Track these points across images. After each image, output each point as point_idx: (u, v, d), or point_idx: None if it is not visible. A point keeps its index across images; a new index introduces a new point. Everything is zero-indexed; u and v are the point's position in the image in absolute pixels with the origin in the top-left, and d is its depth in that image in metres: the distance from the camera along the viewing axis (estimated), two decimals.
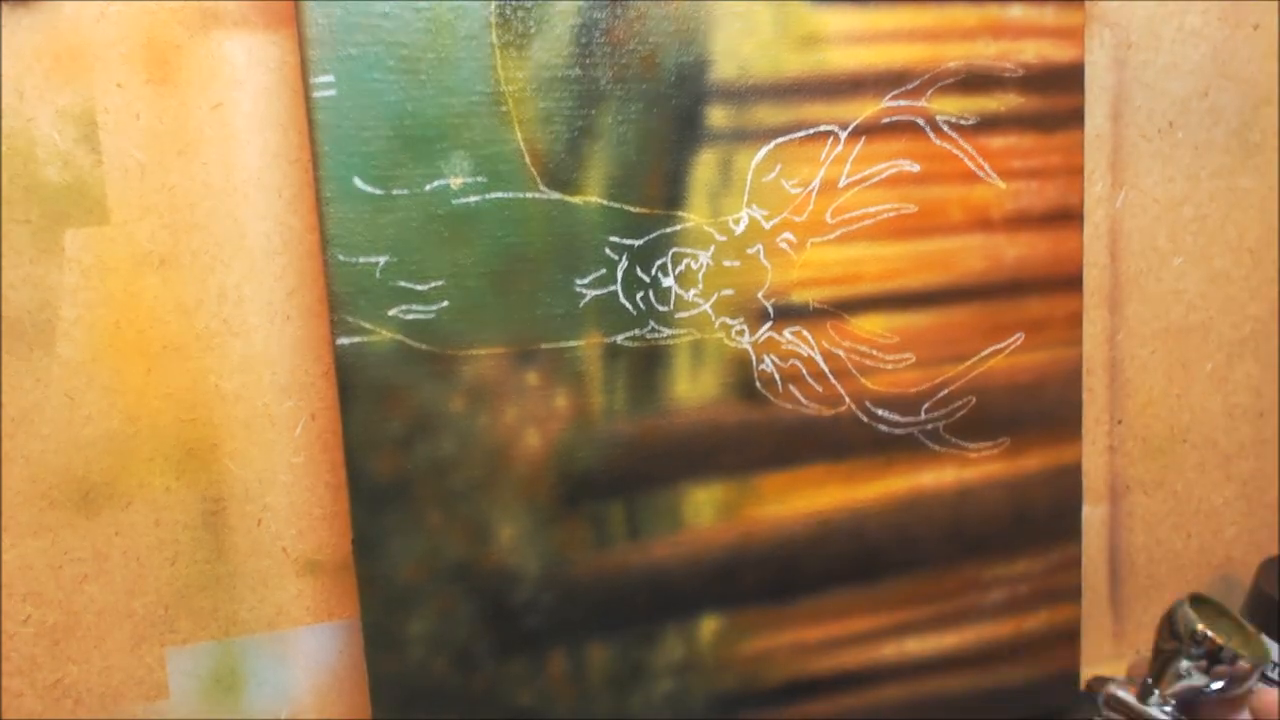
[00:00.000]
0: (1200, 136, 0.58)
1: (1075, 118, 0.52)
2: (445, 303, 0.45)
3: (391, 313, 0.44)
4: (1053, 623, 0.56)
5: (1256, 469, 0.62)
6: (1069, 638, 0.56)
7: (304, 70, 0.41)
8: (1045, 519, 0.55)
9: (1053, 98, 0.51)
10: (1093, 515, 0.61)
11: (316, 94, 0.42)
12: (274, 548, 0.50)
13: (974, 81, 0.50)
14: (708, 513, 0.49)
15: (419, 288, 0.44)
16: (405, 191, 0.43)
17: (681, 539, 0.49)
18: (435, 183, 0.44)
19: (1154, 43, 0.57)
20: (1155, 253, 0.59)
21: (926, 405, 0.52)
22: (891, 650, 0.53)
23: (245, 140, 0.47)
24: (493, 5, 0.43)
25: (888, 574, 0.52)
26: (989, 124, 0.50)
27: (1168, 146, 0.58)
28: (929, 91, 0.49)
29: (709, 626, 0.50)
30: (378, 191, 0.43)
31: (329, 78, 0.42)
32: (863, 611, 0.52)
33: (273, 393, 0.49)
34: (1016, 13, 0.50)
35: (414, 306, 0.44)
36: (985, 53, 0.50)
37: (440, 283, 0.44)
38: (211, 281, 0.47)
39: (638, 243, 0.46)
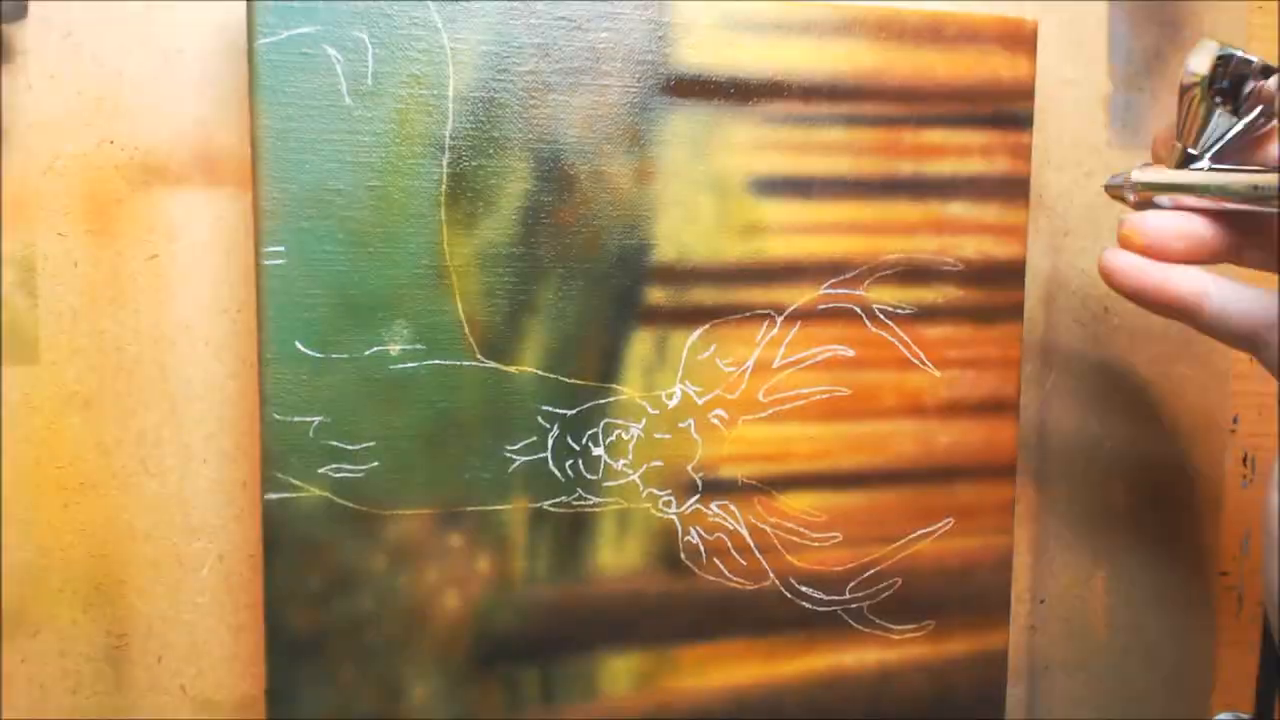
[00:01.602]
0: None
1: (1015, 312, 0.53)
2: (375, 463, 0.45)
3: (321, 470, 0.44)
4: None
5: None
6: None
7: (256, 240, 0.42)
8: (968, 703, 0.55)
9: (992, 292, 0.53)
10: (1012, 695, 0.61)
11: (267, 263, 0.42)
12: (172, 684, 0.49)
13: (913, 274, 0.51)
14: (624, 682, 0.49)
15: (350, 447, 0.44)
16: (345, 355, 0.44)
17: (595, 707, 0.49)
18: (374, 348, 0.44)
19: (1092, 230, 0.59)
20: (1085, 434, 0.60)
21: (852, 584, 0.52)
22: None
23: (177, 290, 0.47)
24: (443, 186, 0.44)
25: None
26: (926, 314, 0.52)
27: (1105, 331, 0.59)
28: (867, 281, 0.50)
29: None
30: (318, 355, 0.43)
31: (280, 248, 0.42)
32: None
33: (182, 533, 0.48)
34: (958, 210, 0.52)
35: (344, 465, 0.44)
36: (925, 247, 0.51)
37: (371, 443, 0.44)
38: (132, 423, 0.47)
39: (570, 412, 0.47)
